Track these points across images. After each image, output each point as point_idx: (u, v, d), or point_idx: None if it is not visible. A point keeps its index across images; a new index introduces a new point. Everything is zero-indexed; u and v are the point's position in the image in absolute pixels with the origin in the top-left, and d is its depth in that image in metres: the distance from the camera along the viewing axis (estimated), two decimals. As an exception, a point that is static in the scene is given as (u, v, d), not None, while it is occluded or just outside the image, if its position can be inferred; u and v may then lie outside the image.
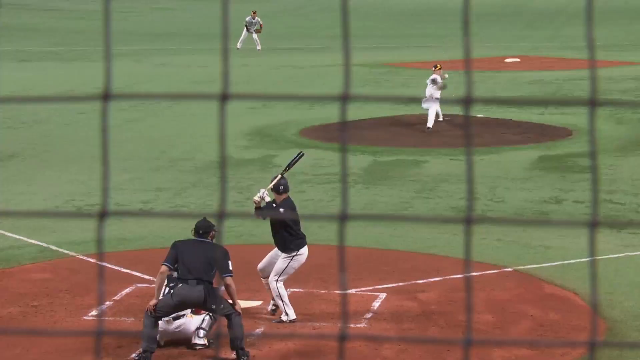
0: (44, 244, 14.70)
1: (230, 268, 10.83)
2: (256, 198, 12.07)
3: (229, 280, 10.79)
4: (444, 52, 37.76)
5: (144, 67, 36.16)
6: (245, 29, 40.88)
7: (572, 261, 13.79)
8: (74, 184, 18.59)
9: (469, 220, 3.44)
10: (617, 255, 14.12)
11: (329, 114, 25.16)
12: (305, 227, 15.92)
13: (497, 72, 33.99)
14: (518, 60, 37.75)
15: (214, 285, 10.92)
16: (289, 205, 12.13)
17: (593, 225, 3.41)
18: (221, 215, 2.99)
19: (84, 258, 14.08)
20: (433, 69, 24.25)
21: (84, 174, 19.01)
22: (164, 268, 10.89)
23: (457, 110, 24.61)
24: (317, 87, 30.19)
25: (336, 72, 33.09)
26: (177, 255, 10.90)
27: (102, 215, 3.28)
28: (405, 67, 35.81)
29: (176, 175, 19.39)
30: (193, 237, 11.15)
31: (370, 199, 17.74)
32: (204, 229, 11.10)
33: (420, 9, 61.79)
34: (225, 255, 10.83)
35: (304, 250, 11.96)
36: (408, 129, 24.12)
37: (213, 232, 11.12)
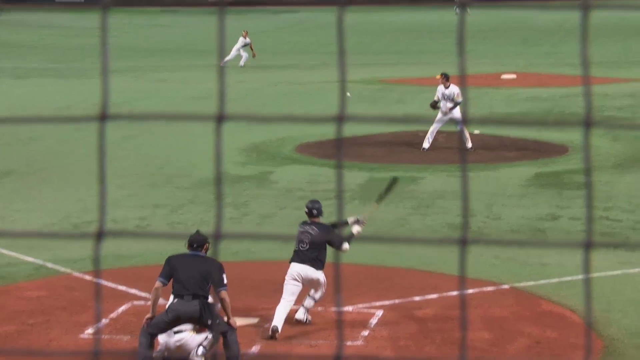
0: (40, 262, 14.63)
1: (225, 282, 10.74)
2: (358, 234, 12.18)
3: (223, 294, 10.71)
4: (440, 68, 37.74)
5: (141, 83, 36.14)
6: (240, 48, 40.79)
7: (569, 278, 13.73)
8: (70, 200, 18.52)
9: (463, 242, 3.41)
10: (614, 273, 14.06)
11: (326, 130, 25.11)
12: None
13: (493, 89, 33.99)
14: (514, 76, 37.77)
15: (210, 299, 10.84)
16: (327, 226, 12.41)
17: (587, 246, 3.37)
18: (217, 236, 2.94)
19: (81, 275, 14.00)
20: (444, 79, 22.94)
21: (80, 190, 18.95)
22: (158, 284, 10.82)
23: (454, 127, 24.52)
24: (314, 104, 30.16)
25: (333, 88, 33.07)
26: (172, 270, 10.83)
27: (99, 235, 3.23)
28: (402, 83, 35.81)
29: (173, 192, 19.33)
30: (187, 251, 11.07)
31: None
32: (197, 242, 11.02)
33: (416, 26, 61.87)
34: (220, 269, 10.74)
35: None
36: (405, 146, 24.07)
37: (207, 245, 11.05)
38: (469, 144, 22.96)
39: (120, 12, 71.41)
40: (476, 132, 25.30)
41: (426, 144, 23.16)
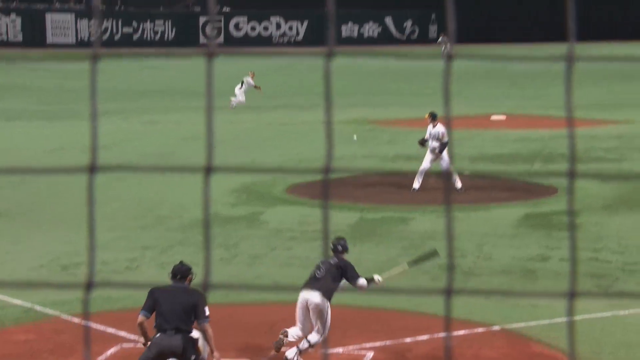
0: (28, 304, 14.51)
1: (207, 314, 10.58)
2: (378, 283, 12.48)
3: (205, 326, 10.56)
4: (430, 109, 37.83)
5: (132, 125, 36.15)
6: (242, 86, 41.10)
7: (560, 320, 13.67)
8: (60, 242, 18.42)
9: (448, 292, 3.41)
10: (604, 314, 14.01)
11: (316, 171, 25.12)
12: (292, 285, 15.78)
13: (483, 130, 34.11)
14: (504, 118, 37.94)
15: (195, 332, 10.69)
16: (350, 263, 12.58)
17: (571, 296, 3.36)
18: (205, 287, 2.91)
19: (69, 318, 13.89)
20: (431, 118, 22.95)
21: (70, 232, 18.85)
22: (140, 318, 10.67)
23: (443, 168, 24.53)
24: (304, 145, 30.19)
25: (331, 110, 33.12)
26: (154, 303, 10.65)
27: (89, 286, 3.21)
28: (391, 124, 35.90)
29: (162, 233, 19.26)
30: (170, 282, 10.91)
31: (357, 256, 17.61)
32: (181, 273, 10.86)
33: (406, 67, 62.14)
34: (203, 301, 10.57)
35: None
36: (395, 186, 24.07)
37: (191, 276, 10.91)
38: (459, 184, 22.98)
39: (110, 55, 71.58)
40: (466, 173, 25.34)
41: (416, 185, 23.18)
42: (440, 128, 22.88)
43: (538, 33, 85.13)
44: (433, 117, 23.07)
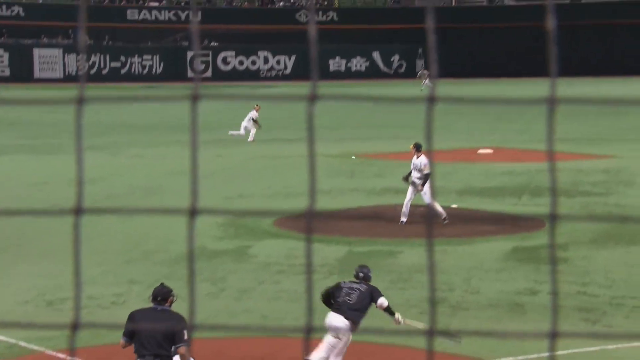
0: (13, 340, 14.36)
1: (186, 337, 10.38)
2: (397, 319, 12.68)
3: (183, 349, 10.34)
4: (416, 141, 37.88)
5: (119, 159, 36.08)
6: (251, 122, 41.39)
7: (547, 354, 13.60)
8: (46, 277, 18.29)
9: (431, 333, 3.39)
10: (591, 349, 13.95)
11: (303, 204, 25.08)
12: (280, 319, 15.68)
13: (470, 164, 34.16)
14: (491, 151, 38.01)
15: (177, 358, 10.51)
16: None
17: (553, 336, 3.33)
18: (191, 328, 2.86)
19: (54, 354, 13.74)
20: (415, 149, 23.03)
21: (56, 267, 18.73)
22: (122, 343, 10.52)
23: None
24: (291, 178, 30.15)
25: (314, 153, 33.08)
26: (133, 327, 10.45)
27: (75, 327, 3.16)
28: (379, 158, 35.92)
29: (149, 268, 19.14)
30: (151, 305, 10.74)
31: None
32: (161, 295, 10.69)
33: (394, 99, 62.33)
34: (183, 324, 10.39)
35: None
36: (383, 220, 24.03)
37: (172, 298, 10.75)
38: (443, 214, 22.93)
39: (96, 89, 71.68)
40: (454, 206, 25.34)
41: (403, 218, 23.16)
42: (422, 159, 22.92)
43: (524, 68, 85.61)
44: (417, 148, 23.11)
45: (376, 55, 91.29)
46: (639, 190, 28.44)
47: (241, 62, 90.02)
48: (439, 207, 23.00)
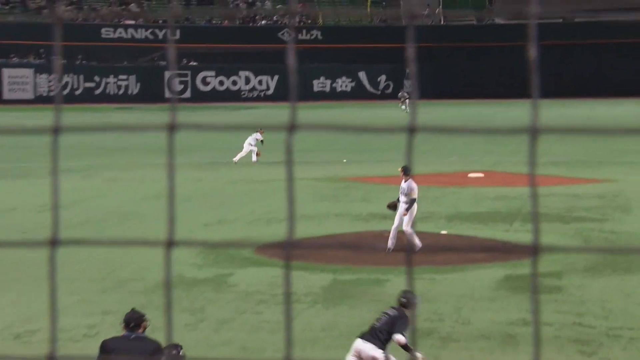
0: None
1: None
2: (419, 356, 12.90)
3: None
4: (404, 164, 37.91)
5: (93, 183, 35.98)
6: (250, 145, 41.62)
7: (542, 387, 13.57)
8: (15, 307, 18.15)
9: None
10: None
11: (286, 231, 25.02)
12: (261, 350, 15.60)
13: (460, 188, 34.19)
14: (482, 175, 38.07)
15: None
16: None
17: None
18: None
19: (24, 386, 13.62)
20: (403, 172, 23.03)
21: (26, 297, 18.60)
22: None
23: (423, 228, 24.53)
24: (273, 203, 30.09)
25: (295, 186, 33.06)
26: (107, 358, 10.31)
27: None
28: (365, 182, 35.94)
29: (124, 297, 19.03)
30: (124, 332, 10.61)
31: (331, 319, 17.50)
32: (134, 321, 10.52)
33: (381, 122, 62.54)
34: (159, 350, 10.25)
35: None
36: (369, 247, 24.00)
37: (145, 324, 10.61)
38: (417, 246, 22.83)
39: (69, 111, 71.55)
40: (443, 232, 25.35)
41: (390, 245, 23.14)
42: (410, 184, 22.97)
43: (514, 89, 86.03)
44: (405, 172, 23.11)
45: (362, 75, 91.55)
46: (635, 216, 28.50)
47: (221, 82, 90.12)
48: (416, 239, 22.96)
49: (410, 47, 3.16)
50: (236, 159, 41.39)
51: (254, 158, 41.59)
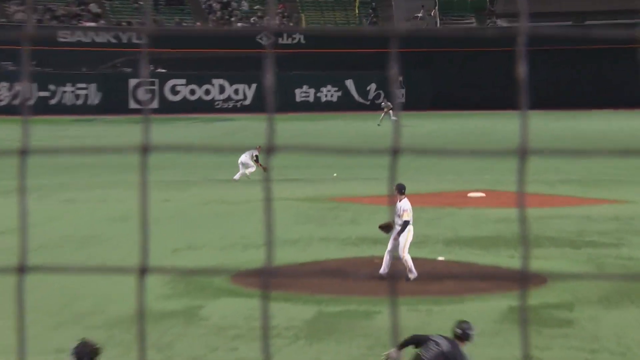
0: None
1: None
2: None
3: None
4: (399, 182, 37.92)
5: (48, 204, 35.84)
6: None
7: None
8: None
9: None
10: None
11: (264, 256, 24.96)
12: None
13: (458, 209, 34.22)
14: (483, 195, 38.10)
15: None
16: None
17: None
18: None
19: None
20: (397, 191, 23.03)
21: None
22: None
23: (416, 254, 24.52)
24: (249, 226, 30.01)
25: (272, 207, 33.01)
26: None
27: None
28: (354, 201, 35.93)
29: (82, 332, 18.87)
30: None
31: (315, 356, 17.46)
32: (87, 355, 10.46)
33: (370, 134, 62.52)
34: None
35: None
36: (358, 274, 23.97)
37: (99, 358, 10.55)
38: (412, 275, 22.84)
39: (19, 123, 71.12)
40: (440, 258, 25.34)
41: (383, 269, 23.16)
42: (404, 204, 23.02)
43: (503, 101, 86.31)
44: (399, 190, 23.12)
45: (349, 84, 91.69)
46: (655, 240, 28.56)
47: (193, 92, 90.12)
48: (409, 262, 22.96)
49: (393, 67, 3.12)
50: (249, 172, 41.64)
51: (237, 176, 41.72)
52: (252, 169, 41.91)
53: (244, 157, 42.08)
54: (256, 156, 41.83)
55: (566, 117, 77.38)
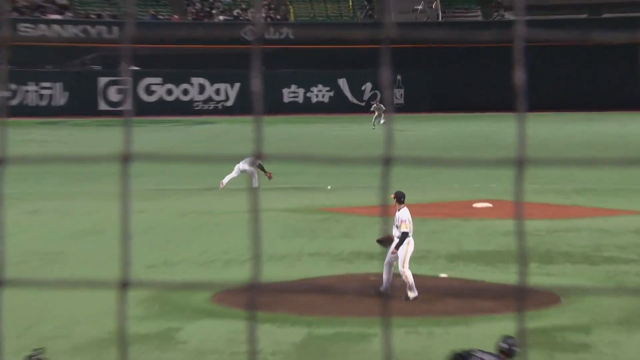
0: None
1: None
2: None
3: None
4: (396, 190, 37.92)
5: (9, 216, 35.76)
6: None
7: None
8: None
9: None
10: None
11: (249, 274, 24.92)
12: None
13: (463, 220, 34.23)
14: (490, 205, 38.09)
15: None
16: None
17: None
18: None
19: None
20: (396, 200, 23.06)
21: None
22: None
23: (415, 270, 24.52)
24: (232, 240, 30.01)
25: (259, 219, 32.98)
26: None
27: None
28: (348, 212, 35.93)
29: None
30: None
31: (304, 385, 17.42)
32: None
33: (365, 139, 62.61)
34: None
35: None
36: (352, 293, 23.95)
37: None
38: (413, 293, 22.83)
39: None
40: (442, 275, 25.34)
41: (382, 285, 23.19)
42: (403, 214, 22.98)
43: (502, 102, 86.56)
44: (398, 199, 23.09)
45: (342, 83, 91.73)
46: (679, 255, 28.59)
47: (169, 92, 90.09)
48: (410, 278, 22.95)
49: (385, 70, 3.10)
50: (254, 184, 41.49)
51: (226, 180, 41.70)
52: (255, 179, 41.74)
53: (243, 165, 41.87)
54: (259, 164, 41.78)
55: (583, 118, 77.59)
